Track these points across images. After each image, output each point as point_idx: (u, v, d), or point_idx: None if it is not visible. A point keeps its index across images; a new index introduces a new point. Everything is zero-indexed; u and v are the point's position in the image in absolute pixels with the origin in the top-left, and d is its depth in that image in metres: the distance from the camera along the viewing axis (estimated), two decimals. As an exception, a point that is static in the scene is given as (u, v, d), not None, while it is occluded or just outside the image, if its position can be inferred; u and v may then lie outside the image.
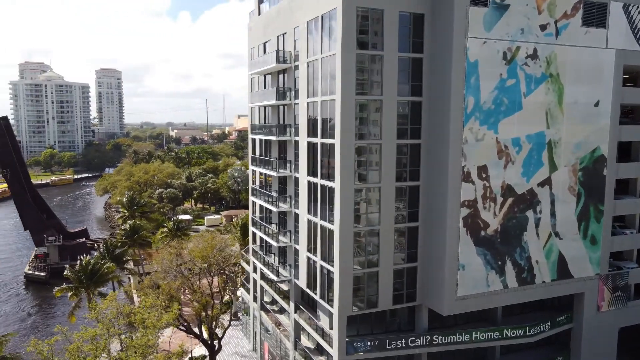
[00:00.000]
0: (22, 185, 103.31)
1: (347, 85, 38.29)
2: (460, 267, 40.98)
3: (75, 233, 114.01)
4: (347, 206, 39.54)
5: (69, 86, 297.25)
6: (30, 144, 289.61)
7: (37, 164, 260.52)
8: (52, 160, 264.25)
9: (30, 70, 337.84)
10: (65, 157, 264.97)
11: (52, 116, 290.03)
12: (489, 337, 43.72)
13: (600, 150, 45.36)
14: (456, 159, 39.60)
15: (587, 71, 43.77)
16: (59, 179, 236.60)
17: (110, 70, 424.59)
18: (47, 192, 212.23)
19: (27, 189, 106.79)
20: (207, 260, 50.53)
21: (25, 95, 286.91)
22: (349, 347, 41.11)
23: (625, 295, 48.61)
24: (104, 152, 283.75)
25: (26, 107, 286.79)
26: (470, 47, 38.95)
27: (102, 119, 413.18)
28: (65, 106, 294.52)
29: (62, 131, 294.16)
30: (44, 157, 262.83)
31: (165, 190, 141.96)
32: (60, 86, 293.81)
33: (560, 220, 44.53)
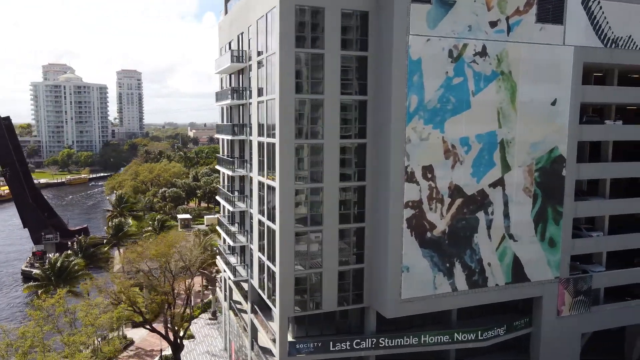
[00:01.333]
0: (21, 184, 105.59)
1: (285, 84, 37.94)
2: (405, 269, 40.22)
3: (75, 231, 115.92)
4: (287, 206, 39.19)
5: (87, 87, 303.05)
6: (49, 144, 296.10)
7: (54, 163, 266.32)
8: (70, 159, 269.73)
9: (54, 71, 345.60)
10: (82, 157, 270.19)
11: (71, 116, 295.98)
12: (438, 340, 42.81)
13: (558, 151, 44.01)
14: (398, 158, 38.88)
15: (543, 69, 42.51)
16: (74, 178, 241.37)
17: (130, 71, 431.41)
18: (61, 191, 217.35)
19: (28, 188, 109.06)
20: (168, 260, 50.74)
21: (45, 96, 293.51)
22: (292, 349, 40.75)
23: (588, 299, 47.07)
24: (120, 151, 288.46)
25: (46, 108, 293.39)
26: (412, 44, 38.20)
27: (122, 119, 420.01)
28: (83, 107, 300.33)
29: (80, 131, 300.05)
30: (62, 156, 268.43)
31: (169, 189, 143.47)
32: (79, 87, 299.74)
33: (515, 222, 43.35)
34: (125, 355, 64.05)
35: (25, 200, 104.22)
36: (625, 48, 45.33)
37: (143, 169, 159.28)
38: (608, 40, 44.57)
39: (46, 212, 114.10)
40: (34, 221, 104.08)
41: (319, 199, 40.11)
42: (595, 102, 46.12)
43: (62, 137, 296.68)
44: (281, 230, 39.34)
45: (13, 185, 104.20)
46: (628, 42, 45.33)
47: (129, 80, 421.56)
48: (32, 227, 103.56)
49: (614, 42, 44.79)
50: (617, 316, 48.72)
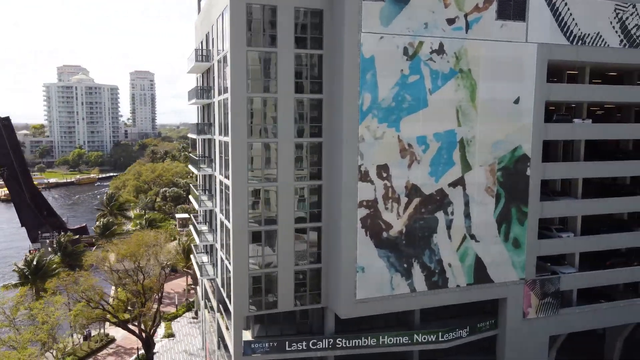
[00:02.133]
0: (19, 183, 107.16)
1: (237, 82, 37.84)
2: (360, 269, 39.83)
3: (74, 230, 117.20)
4: (241, 204, 39.08)
5: (99, 88, 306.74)
6: (61, 144, 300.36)
7: (65, 163, 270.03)
8: (80, 159, 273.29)
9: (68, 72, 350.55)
10: (92, 157, 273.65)
11: (82, 117, 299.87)
12: (397, 341, 42.33)
13: (522, 150, 43.22)
14: (351, 157, 38.51)
15: (505, 66, 41.79)
16: (84, 178, 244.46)
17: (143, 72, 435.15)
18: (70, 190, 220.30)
19: (26, 188, 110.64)
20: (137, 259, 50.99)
21: (57, 97, 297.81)
22: (246, 348, 40.62)
23: (556, 301, 46.11)
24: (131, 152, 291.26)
25: (58, 109, 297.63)
26: (364, 42, 37.82)
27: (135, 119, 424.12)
28: (94, 107, 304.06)
29: (92, 131, 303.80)
30: (72, 156, 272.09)
31: (169, 189, 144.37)
32: (90, 88, 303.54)
33: (477, 222, 42.66)
34: (104, 353, 64.63)
35: (22, 199, 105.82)
36: (593, 45, 44.35)
37: (146, 168, 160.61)
38: (574, 38, 43.65)
39: (45, 211, 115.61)
40: (30, 220, 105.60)
41: (274, 198, 39.91)
42: (561, 100, 45.15)
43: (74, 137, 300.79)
44: (234, 228, 39.26)
45: (10, 185, 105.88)
46: (596, 39, 44.36)
47: (142, 81, 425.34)
48: (29, 226, 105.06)
49: (580, 39, 43.85)
50: (588, 319, 47.68)
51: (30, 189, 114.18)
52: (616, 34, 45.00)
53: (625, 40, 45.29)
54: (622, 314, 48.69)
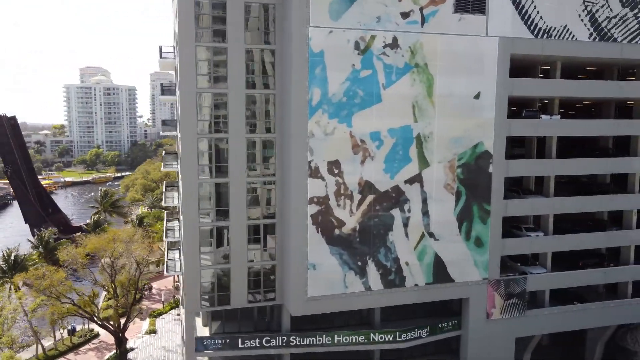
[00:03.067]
0: (23, 181, 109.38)
1: (186, 78, 37.88)
2: (311, 266, 39.36)
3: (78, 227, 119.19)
4: (191, 199, 39.06)
5: (116, 89, 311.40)
6: (80, 144, 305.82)
7: (83, 162, 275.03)
8: (98, 159, 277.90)
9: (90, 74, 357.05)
10: (109, 156, 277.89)
11: (100, 117, 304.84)
12: (353, 340, 41.72)
13: (483, 146, 42.16)
14: (301, 153, 38.09)
15: (464, 61, 40.81)
16: (99, 177, 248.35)
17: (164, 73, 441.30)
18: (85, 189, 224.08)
19: (30, 185, 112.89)
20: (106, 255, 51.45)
21: (76, 97, 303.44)
22: (199, 344, 40.53)
23: (522, 302, 44.85)
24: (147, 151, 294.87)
25: (77, 109, 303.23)
26: (313, 36, 37.37)
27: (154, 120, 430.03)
28: (112, 108, 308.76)
29: (110, 131, 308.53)
30: (90, 156, 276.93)
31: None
32: (108, 89, 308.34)
33: (436, 220, 41.77)
34: (86, 348, 65.29)
35: (25, 197, 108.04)
36: (560, 39, 43.03)
37: (154, 167, 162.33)
38: (539, 31, 42.41)
39: (50, 209, 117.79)
40: (33, 217, 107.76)
41: (226, 194, 39.74)
42: (526, 95, 43.88)
43: (92, 137, 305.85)
44: (185, 223, 39.25)
45: (14, 183, 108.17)
46: (563, 33, 43.03)
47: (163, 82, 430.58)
48: (32, 222, 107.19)
49: (546, 32, 42.58)
50: (558, 321, 46.25)
51: (36, 186, 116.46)
52: (585, 27, 43.59)
53: (595, 33, 43.84)
54: (594, 316, 47.16)
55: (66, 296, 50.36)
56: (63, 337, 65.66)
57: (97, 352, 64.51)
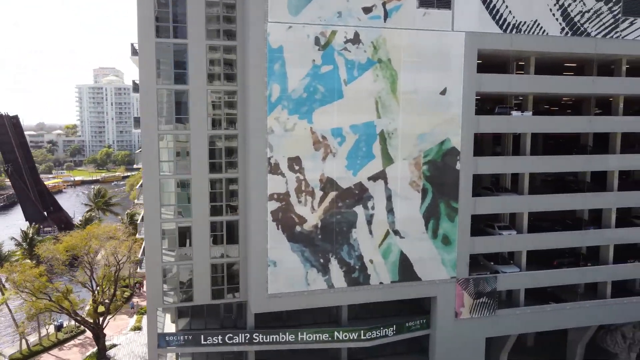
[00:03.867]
0: (23, 179, 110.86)
1: (146, 74, 37.93)
2: (271, 263, 39.16)
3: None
4: (152, 197, 39.15)
5: (127, 89, 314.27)
6: (92, 144, 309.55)
7: (94, 161, 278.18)
8: (108, 158, 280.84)
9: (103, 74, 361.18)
10: (120, 156, 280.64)
11: (112, 117, 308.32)
12: (317, 338, 41.42)
13: (450, 143, 41.56)
14: (259, 149, 37.92)
15: (429, 56, 40.26)
16: (109, 176, 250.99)
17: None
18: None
19: (32, 184, 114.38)
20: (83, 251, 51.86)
21: (88, 98, 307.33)
22: (161, 341, 40.59)
23: (493, 302, 44.12)
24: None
25: (89, 109, 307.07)
26: (271, 32, 37.16)
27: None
28: (123, 107, 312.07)
29: (120, 131, 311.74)
30: (100, 155, 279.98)
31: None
32: (119, 89, 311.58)
33: (402, 218, 41.27)
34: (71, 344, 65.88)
35: (26, 194, 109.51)
36: (531, 34, 42.25)
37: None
38: (508, 26, 41.68)
39: (51, 207, 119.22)
40: (33, 215, 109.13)
41: (188, 190, 39.74)
42: (494, 91, 43.12)
43: (104, 137, 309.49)
44: (146, 220, 39.31)
45: (15, 181, 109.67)
46: (534, 27, 42.24)
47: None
48: (32, 220, 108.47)
49: (515, 27, 41.84)
50: (530, 321, 45.41)
51: (37, 185, 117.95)
52: (557, 21, 42.74)
53: (567, 28, 42.96)
54: (569, 317, 46.21)
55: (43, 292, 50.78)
56: (49, 333, 66.36)
57: (81, 348, 65.02)
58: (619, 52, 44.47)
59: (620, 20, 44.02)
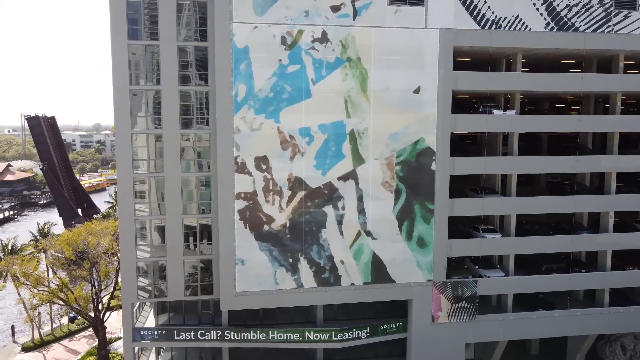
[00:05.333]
0: (57, 177, 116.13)
1: (119, 75, 38.96)
2: (239, 261, 39.49)
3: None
4: (126, 193, 40.21)
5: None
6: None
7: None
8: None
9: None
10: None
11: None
12: (287, 337, 41.38)
13: (425, 142, 40.61)
14: (226, 148, 38.35)
15: (401, 54, 39.52)
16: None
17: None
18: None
19: (66, 181, 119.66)
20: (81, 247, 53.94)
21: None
22: (136, 335, 41.63)
23: (473, 306, 42.74)
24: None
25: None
26: (237, 32, 37.50)
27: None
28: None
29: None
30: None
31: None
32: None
33: (374, 219, 40.68)
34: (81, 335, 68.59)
35: (60, 192, 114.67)
36: (511, 29, 40.71)
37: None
38: (487, 22, 40.32)
39: (85, 204, 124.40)
40: (66, 211, 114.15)
41: (162, 188, 40.61)
42: (472, 89, 41.73)
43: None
44: (121, 217, 40.45)
45: (49, 178, 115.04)
46: (515, 23, 40.68)
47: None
48: (64, 216, 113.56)
49: (494, 23, 40.42)
50: (514, 328, 43.70)
51: (72, 183, 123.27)
52: (541, 16, 40.99)
53: (553, 23, 41.12)
54: (558, 325, 44.18)
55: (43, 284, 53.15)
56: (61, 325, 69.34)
57: (89, 339, 67.48)
58: (612, 47, 42.17)
59: (612, 13, 41.76)
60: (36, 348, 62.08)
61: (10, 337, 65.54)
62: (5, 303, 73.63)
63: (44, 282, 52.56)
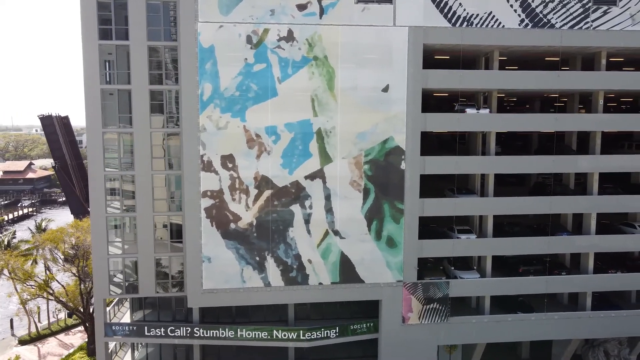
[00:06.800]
0: (69, 175, 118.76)
1: (89, 75, 39.59)
2: (206, 259, 39.77)
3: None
4: (98, 192, 40.91)
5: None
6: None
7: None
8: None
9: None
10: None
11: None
12: (255, 336, 41.48)
13: (394, 142, 40.18)
14: (192, 147, 38.67)
15: (370, 52, 39.19)
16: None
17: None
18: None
19: (78, 180, 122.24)
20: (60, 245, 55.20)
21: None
22: (108, 330, 42.30)
23: (445, 308, 42.10)
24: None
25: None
26: (202, 32, 37.76)
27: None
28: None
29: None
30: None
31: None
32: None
33: (342, 218, 40.46)
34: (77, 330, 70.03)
35: (71, 190, 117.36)
36: (484, 26, 39.96)
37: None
38: (458, 19, 39.67)
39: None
40: (77, 208, 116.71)
41: (132, 187, 41.15)
42: (443, 88, 41.06)
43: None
44: (93, 213, 41.16)
45: (61, 176, 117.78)
46: (488, 20, 39.93)
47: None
48: (76, 213, 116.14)
49: (466, 20, 39.74)
50: (488, 331, 42.90)
51: (84, 181, 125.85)
52: (515, 13, 40.15)
53: (527, 19, 40.23)
54: (535, 329, 43.19)
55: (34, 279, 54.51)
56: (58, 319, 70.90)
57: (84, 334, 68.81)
58: (591, 44, 41.04)
59: (591, 9, 40.63)
60: (32, 341, 63.57)
61: (9, 331, 67.36)
62: (4, 297, 75.66)
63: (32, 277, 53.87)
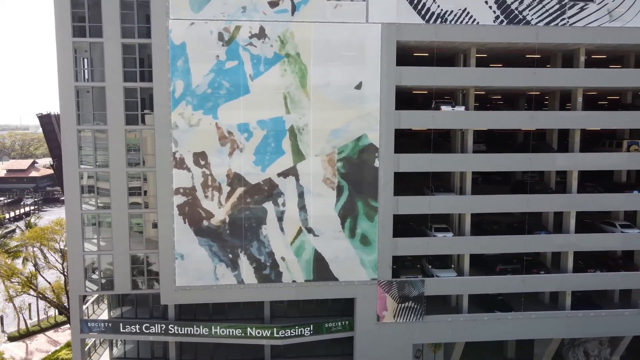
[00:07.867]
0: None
1: (63, 72, 39.77)
2: (179, 256, 39.83)
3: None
4: (72, 189, 41.16)
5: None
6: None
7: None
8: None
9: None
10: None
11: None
12: (230, 333, 41.52)
13: (367, 139, 40.01)
14: (164, 144, 38.74)
15: (342, 50, 39.04)
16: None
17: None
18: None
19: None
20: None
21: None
22: (84, 327, 42.50)
23: (420, 307, 41.86)
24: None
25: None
26: (173, 29, 37.79)
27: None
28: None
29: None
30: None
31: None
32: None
33: (315, 215, 40.35)
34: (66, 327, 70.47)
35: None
36: (459, 23, 39.67)
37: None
38: (432, 16, 39.42)
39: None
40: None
41: (107, 184, 41.30)
42: (417, 85, 40.79)
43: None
44: (67, 210, 41.34)
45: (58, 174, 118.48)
46: (462, 17, 39.64)
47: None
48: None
49: (440, 17, 39.47)
50: (465, 330, 42.62)
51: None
52: (490, 9, 39.84)
53: (502, 16, 39.91)
54: (513, 328, 42.88)
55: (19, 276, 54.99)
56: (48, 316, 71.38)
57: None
58: (567, 40, 40.64)
59: (567, 6, 40.22)
60: (21, 338, 64.03)
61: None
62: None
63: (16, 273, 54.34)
